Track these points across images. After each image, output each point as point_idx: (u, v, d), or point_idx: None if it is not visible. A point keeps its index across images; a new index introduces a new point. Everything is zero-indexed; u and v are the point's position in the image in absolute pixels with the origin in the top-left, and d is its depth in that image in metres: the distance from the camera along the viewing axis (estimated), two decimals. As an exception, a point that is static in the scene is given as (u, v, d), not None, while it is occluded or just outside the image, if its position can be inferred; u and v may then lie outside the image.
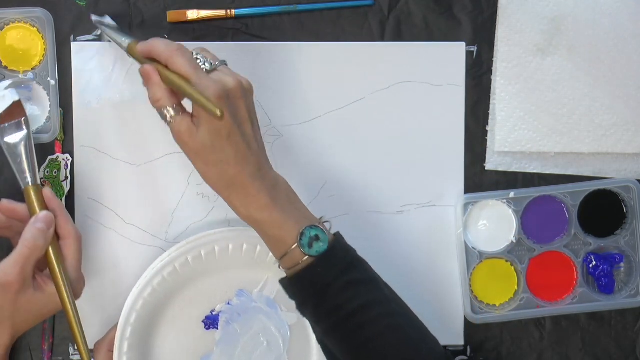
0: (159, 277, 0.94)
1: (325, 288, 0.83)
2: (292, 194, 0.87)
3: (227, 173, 0.83)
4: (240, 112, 0.83)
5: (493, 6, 0.99)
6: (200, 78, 0.82)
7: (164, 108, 0.83)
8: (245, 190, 0.84)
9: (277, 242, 0.85)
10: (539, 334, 1.01)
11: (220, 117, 0.79)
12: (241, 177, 0.83)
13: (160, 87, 0.83)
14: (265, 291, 0.98)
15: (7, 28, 0.97)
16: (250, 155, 0.84)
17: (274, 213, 0.84)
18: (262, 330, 0.98)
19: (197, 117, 0.83)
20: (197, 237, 0.95)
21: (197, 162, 0.84)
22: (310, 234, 0.84)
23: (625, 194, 0.99)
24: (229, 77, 0.83)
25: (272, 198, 0.84)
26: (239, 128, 0.83)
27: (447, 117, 0.99)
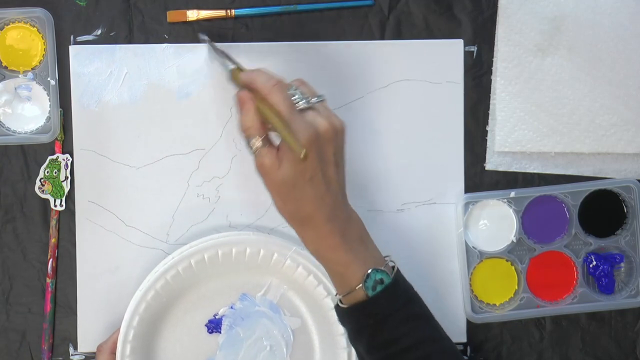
0: (162, 280, 0.94)
1: (383, 320, 0.83)
2: (363, 232, 0.87)
3: (302, 211, 0.84)
4: (327, 155, 0.83)
5: (493, 6, 0.99)
6: (293, 117, 0.82)
7: (252, 137, 0.84)
8: (317, 230, 0.84)
9: (341, 281, 0.85)
10: (539, 334, 1.01)
11: (304, 159, 0.80)
12: (315, 217, 0.84)
13: (252, 116, 0.84)
14: (268, 295, 0.98)
15: (7, 28, 0.97)
16: (328, 197, 0.84)
17: (342, 253, 0.84)
18: (265, 335, 0.98)
19: (282, 152, 0.83)
20: (201, 240, 0.95)
21: (274, 196, 0.84)
22: (376, 277, 0.84)
23: (626, 194, 0.99)
24: (322, 120, 0.83)
25: (342, 238, 0.84)
26: (322, 170, 0.83)
27: (446, 115, 0.99)
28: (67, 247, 0.98)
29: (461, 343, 1.00)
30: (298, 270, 0.95)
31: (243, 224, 0.98)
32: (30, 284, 0.98)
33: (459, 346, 1.00)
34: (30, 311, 0.98)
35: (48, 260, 0.98)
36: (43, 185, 0.97)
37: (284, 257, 0.95)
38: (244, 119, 0.84)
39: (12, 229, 0.98)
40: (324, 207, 0.83)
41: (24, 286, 0.98)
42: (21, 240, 0.98)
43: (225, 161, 0.98)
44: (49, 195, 0.97)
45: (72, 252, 0.98)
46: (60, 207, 0.97)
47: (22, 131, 0.97)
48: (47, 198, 0.97)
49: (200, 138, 0.98)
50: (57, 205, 0.97)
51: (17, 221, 0.98)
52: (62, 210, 0.97)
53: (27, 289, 0.98)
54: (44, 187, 0.97)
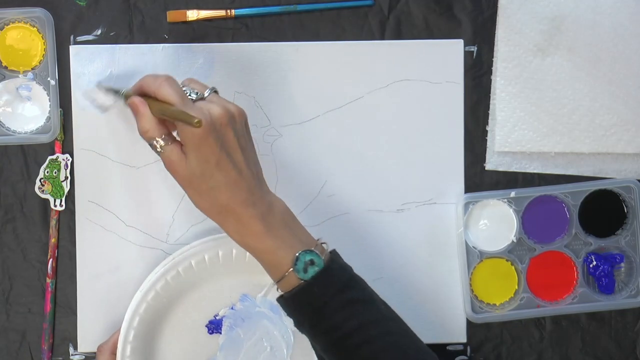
0: (162, 281, 0.94)
1: (322, 308, 0.83)
2: (289, 217, 0.86)
3: (218, 200, 0.84)
4: (228, 140, 0.83)
5: (493, 6, 0.99)
6: (185, 105, 0.83)
7: (153, 139, 0.84)
8: (237, 217, 0.84)
9: (272, 268, 0.85)
10: (539, 334, 1.01)
11: (198, 126, 0.79)
12: (233, 205, 0.83)
13: (148, 118, 0.84)
14: (269, 296, 0.98)
15: (7, 28, 0.97)
16: (241, 182, 0.84)
17: (268, 240, 0.84)
18: (266, 335, 0.98)
19: (185, 145, 0.83)
20: (201, 241, 0.95)
21: (189, 190, 0.85)
22: (305, 259, 0.83)
23: (626, 194, 0.99)
24: (216, 106, 0.84)
25: (265, 224, 0.84)
26: (228, 156, 0.83)
27: (446, 115, 0.99)
28: (67, 247, 0.98)
29: (461, 343, 1.00)
30: (299, 271, 0.95)
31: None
32: (30, 284, 0.98)
33: (458, 346, 1.00)
34: (30, 311, 0.98)
35: (48, 260, 0.98)
36: (43, 185, 0.97)
37: None
38: (141, 122, 0.85)
39: (12, 229, 0.98)
40: (239, 193, 0.83)
41: (24, 286, 0.98)
42: (21, 240, 0.98)
43: (225, 161, 0.98)
44: (49, 195, 0.97)
45: (72, 252, 0.98)
46: (60, 207, 0.97)
47: (22, 131, 0.97)
48: (47, 198, 0.97)
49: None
50: (57, 205, 0.97)
51: (17, 221, 0.98)
52: (62, 210, 0.97)
53: (27, 289, 0.98)
54: (44, 187, 0.97)
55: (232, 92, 0.98)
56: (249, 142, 0.86)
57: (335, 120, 0.98)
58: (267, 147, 0.98)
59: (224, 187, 0.83)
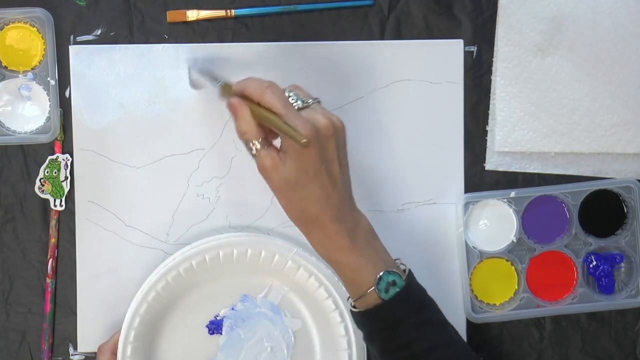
0: (162, 281, 0.94)
1: (396, 326, 0.83)
2: (372, 235, 0.86)
3: (308, 211, 0.83)
4: (329, 152, 0.82)
5: (493, 6, 0.99)
6: (290, 114, 0.81)
7: (250, 141, 0.83)
8: (324, 230, 0.83)
9: (353, 284, 0.85)
10: (539, 334, 1.01)
11: (305, 145, 0.79)
12: (322, 217, 0.83)
13: (247, 120, 0.83)
14: (269, 297, 0.98)
15: (7, 28, 0.97)
16: (334, 196, 0.83)
17: (352, 256, 0.83)
18: (266, 336, 0.98)
19: (284, 152, 0.82)
20: (202, 242, 0.95)
21: (279, 196, 0.84)
22: (388, 280, 0.83)
23: (626, 194, 0.99)
24: (320, 116, 0.82)
25: (350, 240, 0.83)
26: (326, 167, 0.82)
27: (446, 115, 0.99)
28: (67, 247, 0.98)
29: (461, 343, 1.00)
30: (299, 271, 0.95)
31: (243, 224, 0.98)
32: (30, 284, 0.98)
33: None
34: (30, 311, 0.98)
35: (48, 260, 0.98)
36: (43, 185, 0.97)
37: (285, 259, 0.95)
38: (240, 123, 0.84)
39: (12, 229, 0.98)
40: (330, 207, 0.83)
41: (24, 286, 0.98)
42: (21, 240, 0.98)
43: (225, 161, 0.98)
44: (49, 195, 0.97)
45: (72, 252, 0.98)
46: (60, 207, 0.97)
47: (22, 131, 0.97)
48: (47, 198, 0.97)
49: (200, 138, 0.98)
50: (57, 205, 0.97)
51: (17, 221, 0.98)
52: (62, 210, 0.97)
53: (27, 289, 0.98)
54: (44, 187, 0.97)
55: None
56: (346, 157, 0.85)
57: (335, 120, 0.98)
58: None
59: (316, 198, 0.82)
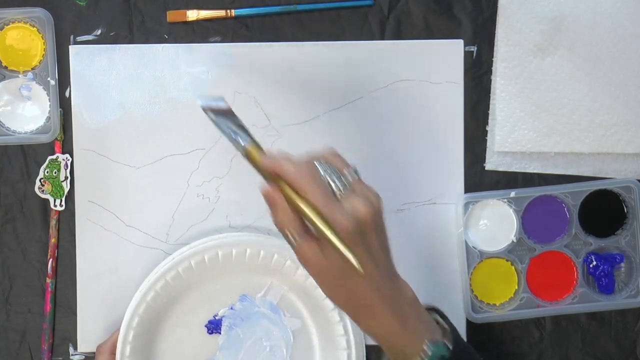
0: (161, 281, 0.94)
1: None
2: (415, 302, 0.83)
3: (358, 301, 0.79)
4: (372, 240, 0.78)
5: (493, 6, 0.99)
6: (332, 211, 0.75)
7: (289, 232, 0.78)
8: (370, 313, 0.80)
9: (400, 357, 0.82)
10: (539, 334, 1.01)
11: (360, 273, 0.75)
12: (374, 307, 0.79)
13: (286, 212, 0.77)
14: (268, 296, 0.98)
15: (7, 28, 0.97)
16: (377, 277, 0.79)
17: (397, 334, 0.80)
18: (265, 336, 0.98)
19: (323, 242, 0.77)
20: (201, 241, 0.95)
21: (322, 285, 0.80)
22: (436, 354, 0.81)
23: (626, 194, 0.99)
24: (360, 202, 0.77)
25: (394, 316, 0.80)
26: (370, 256, 0.78)
27: (446, 115, 0.99)
28: (67, 247, 0.98)
29: (461, 343, 1.00)
30: (298, 271, 0.95)
31: (243, 224, 0.98)
32: (30, 284, 0.98)
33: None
34: (30, 311, 0.98)
35: (48, 260, 0.98)
36: (43, 185, 0.97)
37: (284, 258, 0.95)
38: (278, 216, 0.77)
39: (12, 229, 0.98)
40: (382, 297, 0.79)
41: (24, 286, 0.98)
42: (21, 240, 0.98)
43: (225, 161, 0.98)
44: (49, 195, 0.97)
45: (72, 252, 0.98)
46: (60, 207, 0.97)
47: (22, 131, 0.97)
48: (47, 198, 0.97)
49: (200, 138, 0.98)
50: (57, 205, 0.97)
51: (17, 221, 0.98)
52: (62, 210, 0.97)
53: (27, 289, 0.98)
54: (44, 187, 0.97)
55: (232, 92, 0.98)
56: (387, 236, 0.80)
57: (336, 121, 0.98)
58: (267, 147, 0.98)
59: (365, 290, 0.79)
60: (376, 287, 0.79)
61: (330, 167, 0.79)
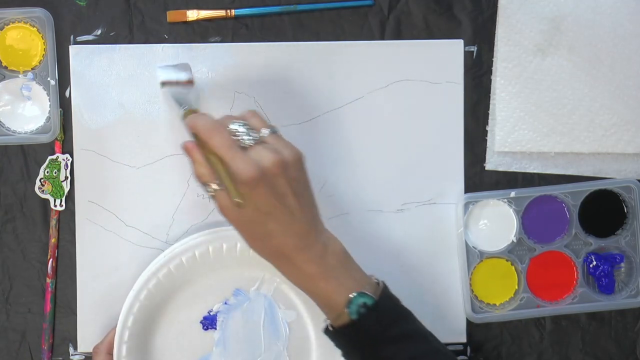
0: (154, 279, 0.94)
1: (373, 341, 0.83)
2: (343, 256, 0.86)
3: (271, 245, 0.83)
4: (280, 187, 0.82)
5: (493, 6, 0.99)
6: (234, 159, 0.80)
7: (207, 183, 0.83)
8: (291, 262, 0.84)
9: (325, 308, 0.85)
10: (539, 334, 1.01)
11: (238, 206, 0.80)
12: (286, 249, 0.83)
13: (201, 164, 0.83)
14: (262, 289, 0.98)
15: (7, 28, 0.97)
16: (295, 227, 0.83)
17: (322, 282, 0.84)
18: (261, 329, 0.98)
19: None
20: (191, 238, 0.95)
21: (242, 234, 0.84)
22: (358, 302, 0.83)
23: (626, 194, 0.99)
24: (268, 153, 0.81)
25: (318, 267, 0.83)
26: (280, 202, 0.82)
27: (446, 115, 0.99)
28: (67, 247, 0.98)
29: (461, 343, 1.00)
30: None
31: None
32: (30, 284, 0.98)
33: (458, 346, 1.00)
34: (30, 311, 0.98)
35: (48, 260, 0.98)
36: (43, 185, 0.97)
37: None
38: (195, 168, 0.84)
39: (12, 229, 0.98)
40: (292, 238, 0.83)
41: (24, 286, 0.98)
42: (21, 240, 0.98)
43: (225, 161, 0.98)
44: (49, 195, 0.97)
45: (72, 252, 0.98)
46: (60, 207, 0.97)
47: (22, 131, 0.97)
48: (47, 198, 0.97)
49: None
50: (57, 205, 0.97)
51: (17, 221, 0.98)
52: (62, 210, 0.97)
53: (27, 289, 0.98)
54: (44, 187, 0.97)
55: (232, 92, 0.98)
56: (305, 185, 0.85)
57: (336, 121, 0.98)
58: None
59: (276, 233, 0.82)
60: (292, 235, 0.83)
61: (246, 124, 0.83)
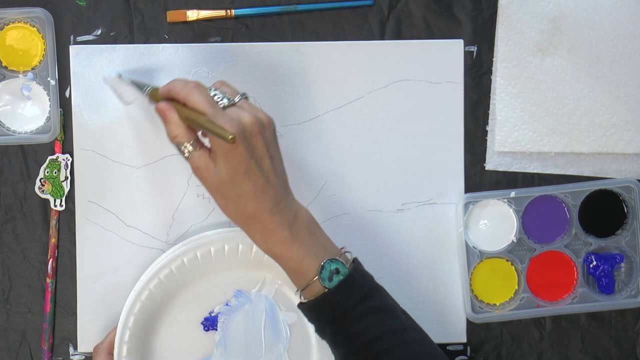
0: (155, 280, 0.94)
1: (344, 315, 0.83)
2: (314, 226, 0.87)
3: (245, 208, 0.84)
4: (258, 148, 0.83)
5: (493, 6, 0.99)
6: (216, 114, 0.82)
7: (181, 144, 0.84)
8: (263, 225, 0.84)
9: (297, 275, 0.85)
10: (539, 334, 1.01)
11: (233, 142, 0.79)
12: (260, 212, 0.84)
13: (177, 124, 0.84)
14: (263, 291, 0.98)
15: (7, 28, 0.97)
16: (269, 190, 0.84)
17: (294, 247, 0.84)
18: (262, 330, 0.98)
19: (214, 152, 0.83)
20: (193, 239, 0.95)
21: (216, 197, 0.85)
22: (331, 268, 0.84)
23: (626, 194, 0.99)
24: (246, 113, 0.83)
25: (291, 232, 0.84)
26: (257, 163, 0.83)
27: (446, 115, 0.99)
28: (67, 247, 0.98)
29: (461, 343, 1.00)
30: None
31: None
32: (30, 284, 0.98)
33: (458, 346, 1.00)
34: (30, 311, 0.98)
35: (48, 260, 0.98)
36: (43, 185, 0.97)
37: None
38: (169, 128, 0.85)
39: (12, 229, 0.98)
40: (266, 201, 0.84)
41: (24, 286, 0.98)
42: (21, 240, 0.98)
43: (225, 161, 0.98)
44: (49, 195, 0.97)
45: (72, 252, 0.98)
46: (60, 207, 0.97)
47: (22, 131, 0.97)
48: (47, 198, 0.97)
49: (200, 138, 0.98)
50: (57, 205, 0.97)
51: (17, 221, 0.98)
52: (62, 210, 0.97)
53: (27, 289, 0.98)
54: (44, 187, 0.97)
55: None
56: (277, 150, 0.86)
57: (335, 120, 0.98)
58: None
59: (251, 195, 0.83)
60: (266, 198, 0.83)
61: (220, 90, 0.85)
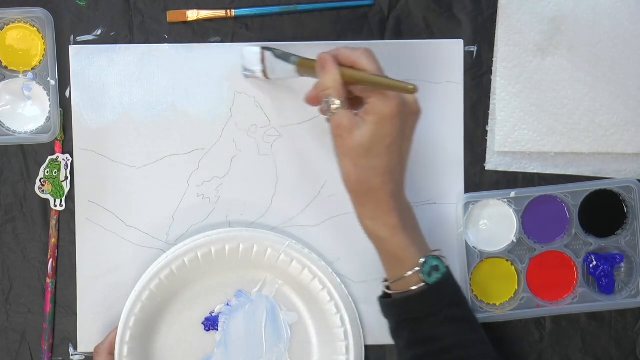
0: (156, 280, 0.94)
1: (428, 316, 0.83)
2: (417, 223, 0.86)
3: (370, 181, 0.82)
4: (408, 128, 0.82)
5: (493, 6, 0.99)
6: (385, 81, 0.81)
7: (330, 98, 0.82)
8: (378, 204, 0.83)
9: (395, 264, 0.84)
10: (539, 334, 1.01)
11: (413, 91, 0.78)
12: (381, 191, 0.82)
13: (333, 77, 0.82)
14: (264, 291, 0.98)
15: (7, 28, 0.97)
16: (398, 172, 0.83)
17: (400, 235, 0.83)
18: (262, 330, 0.98)
19: (367, 115, 0.81)
20: (194, 239, 0.95)
21: (345, 161, 0.83)
22: (432, 264, 0.83)
23: (626, 194, 0.99)
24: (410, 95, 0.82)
25: (401, 220, 0.83)
26: (402, 142, 0.82)
27: (446, 115, 0.99)
28: (67, 247, 0.98)
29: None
30: (292, 264, 0.95)
31: (243, 223, 0.98)
32: (30, 284, 0.98)
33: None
34: (30, 311, 0.98)
35: (48, 260, 0.98)
36: (43, 185, 0.97)
37: (278, 252, 0.95)
38: (326, 78, 0.82)
39: (12, 229, 0.98)
40: (392, 182, 0.82)
41: (24, 286, 0.98)
42: (21, 240, 0.98)
43: (225, 161, 0.98)
44: (49, 195, 0.97)
45: (72, 252, 0.98)
46: (60, 207, 0.97)
47: (22, 131, 0.97)
48: (47, 198, 0.97)
49: (200, 138, 0.98)
50: (57, 205, 0.97)
51: (17, 221, 0.98)
52: (62, 210, 0.97)
53: (27, 289, 0.98)
54: (44, 187, 0.97)
55: (232, 92, 0.98)
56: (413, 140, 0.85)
57: (335, 120, 0.98)
58: (267, 147, 0.98)
59: (382, 170, 0.81)
60: (393, 180, 0.82)
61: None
